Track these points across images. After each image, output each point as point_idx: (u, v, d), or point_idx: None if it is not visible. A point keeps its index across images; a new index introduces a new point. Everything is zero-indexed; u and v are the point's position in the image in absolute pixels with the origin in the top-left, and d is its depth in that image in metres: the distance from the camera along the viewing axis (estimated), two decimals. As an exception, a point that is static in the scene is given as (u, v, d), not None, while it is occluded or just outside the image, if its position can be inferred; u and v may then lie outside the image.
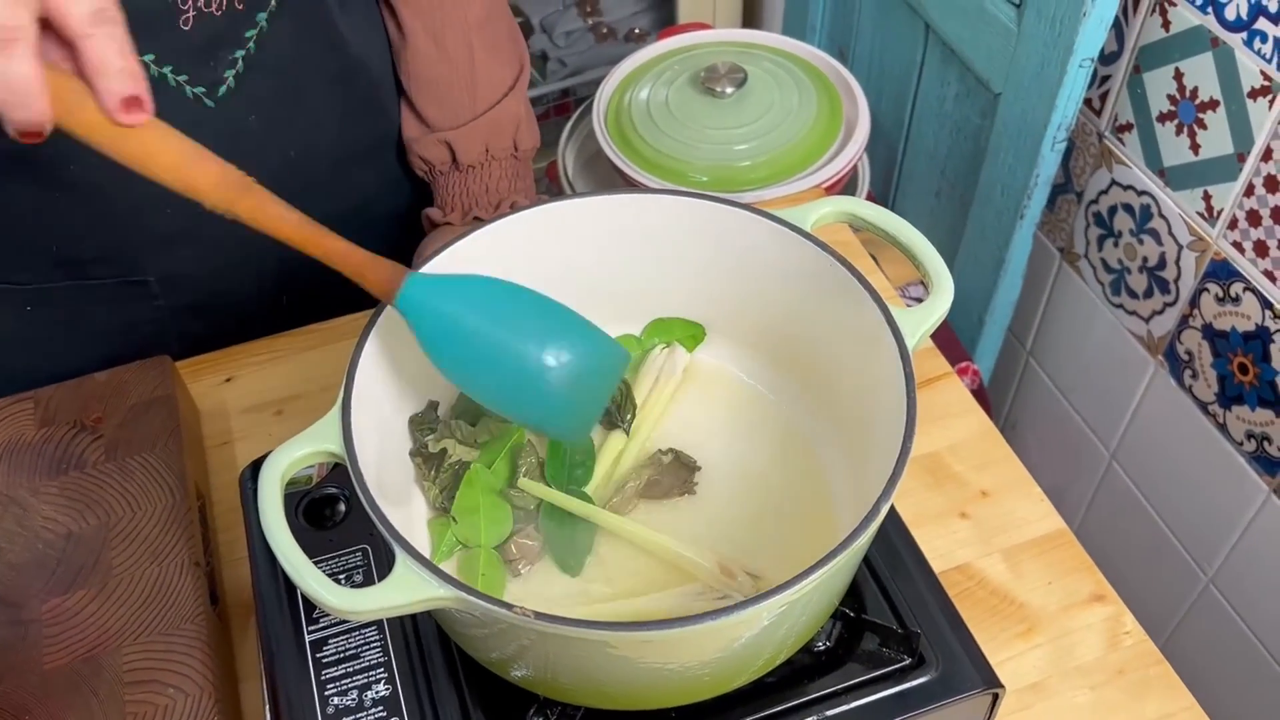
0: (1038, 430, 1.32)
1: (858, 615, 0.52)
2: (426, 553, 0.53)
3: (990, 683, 0.51)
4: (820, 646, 0.52)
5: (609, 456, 0.57)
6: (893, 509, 0.59)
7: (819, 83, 1.18)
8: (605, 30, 1.87)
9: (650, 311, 0.61)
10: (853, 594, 0.54)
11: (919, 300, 1.29)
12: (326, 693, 0.51)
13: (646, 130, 1.16)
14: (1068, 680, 0.63)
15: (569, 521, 0.54)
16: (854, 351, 0.52)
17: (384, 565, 0.55)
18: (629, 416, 0.58)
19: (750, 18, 1.80)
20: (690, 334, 0.61)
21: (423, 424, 0.54)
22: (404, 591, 0.40)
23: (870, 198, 1.32)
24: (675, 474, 0.54)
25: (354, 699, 0.51)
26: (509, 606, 0.39)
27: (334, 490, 0.59)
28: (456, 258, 0.52)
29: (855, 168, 1.21)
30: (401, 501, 0.54)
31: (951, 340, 1.23)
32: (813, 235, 0.52)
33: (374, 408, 0.49)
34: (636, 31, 1.88)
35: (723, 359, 0.61)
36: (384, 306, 0.49)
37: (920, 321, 0.49)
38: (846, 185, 1.19)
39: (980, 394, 1.24)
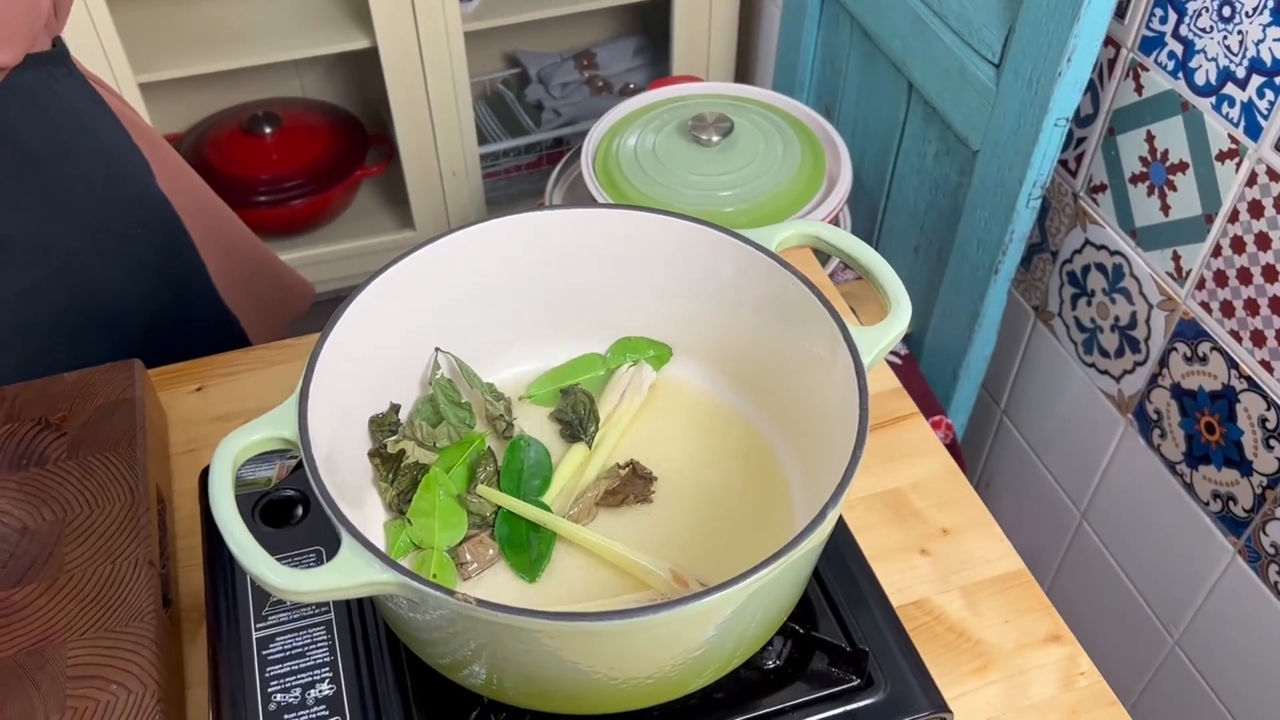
0: (1012, 490, 1.32)
1: (808, 633, 0.52)
2: (380, 553, 0.53)
3: (938, 706, 0.51)
4: (770, 664, 0.52)
5: (569, 468, 0.57)
6: (851, 537, 0.59)
7: (804, 136, 1.21)
8: (601, 84, 1.91)
9: (617, 331, 0.62)
10: (805, 613, 0.54)
11: (899, 352, 1.30)
12: (270, 689, 0.51)
13: (633, 174, 1.18)
14: (1021, 718, 0.62)
15: (525, 529, 0.54)
16: (813, 368, 0.52)
17: (337, 566, 0.55)
18: (592, 430, 0.58)
19: (743, 74, 1.84)
20: (657, 353, 0.62)
21: (383, 425, 0.54)
22: (346, 574, 0.40)
23: (851, 251, 1.34)
24: (632, 484, 0.55)
25: (297, 696, 0.50)
26: (450, 592, 0.39)
27: (292, 492, 0.59)
28: (425, 260, 0.53)
29: (837, 219, 1.23)
30: (358, 502, 0.54)
31: (926, 393, 1.24)
32: (775, 254, 0.53)
33: (334, 402, 0.49)
34: (631, 86, 1.92)
35: (690, 376, 0.62)
36: (350, 300, 0.50)
37: (876, 340, 0.50)
38: (827, 236, 1.20)
39: (954, 449, 1.24)
